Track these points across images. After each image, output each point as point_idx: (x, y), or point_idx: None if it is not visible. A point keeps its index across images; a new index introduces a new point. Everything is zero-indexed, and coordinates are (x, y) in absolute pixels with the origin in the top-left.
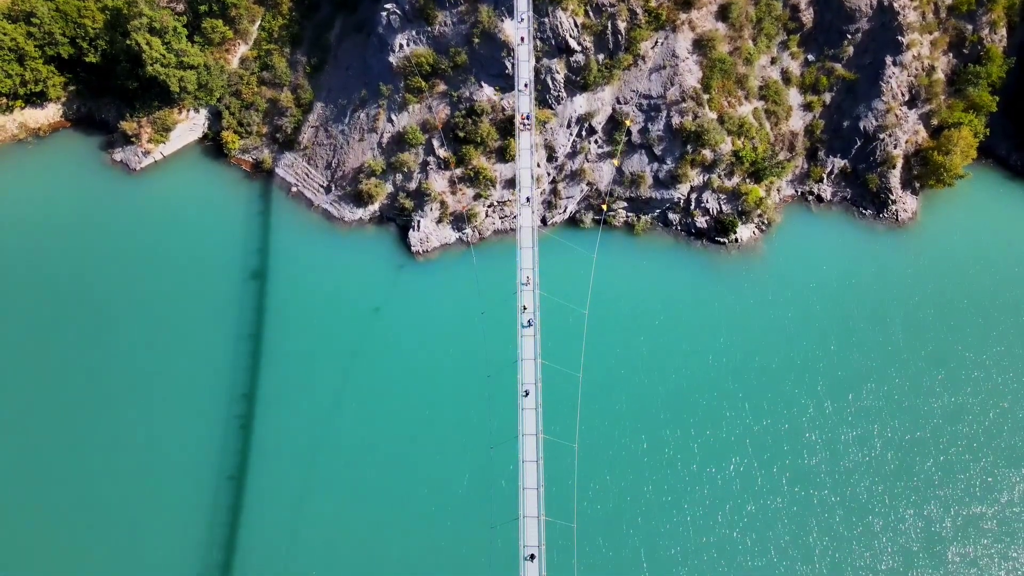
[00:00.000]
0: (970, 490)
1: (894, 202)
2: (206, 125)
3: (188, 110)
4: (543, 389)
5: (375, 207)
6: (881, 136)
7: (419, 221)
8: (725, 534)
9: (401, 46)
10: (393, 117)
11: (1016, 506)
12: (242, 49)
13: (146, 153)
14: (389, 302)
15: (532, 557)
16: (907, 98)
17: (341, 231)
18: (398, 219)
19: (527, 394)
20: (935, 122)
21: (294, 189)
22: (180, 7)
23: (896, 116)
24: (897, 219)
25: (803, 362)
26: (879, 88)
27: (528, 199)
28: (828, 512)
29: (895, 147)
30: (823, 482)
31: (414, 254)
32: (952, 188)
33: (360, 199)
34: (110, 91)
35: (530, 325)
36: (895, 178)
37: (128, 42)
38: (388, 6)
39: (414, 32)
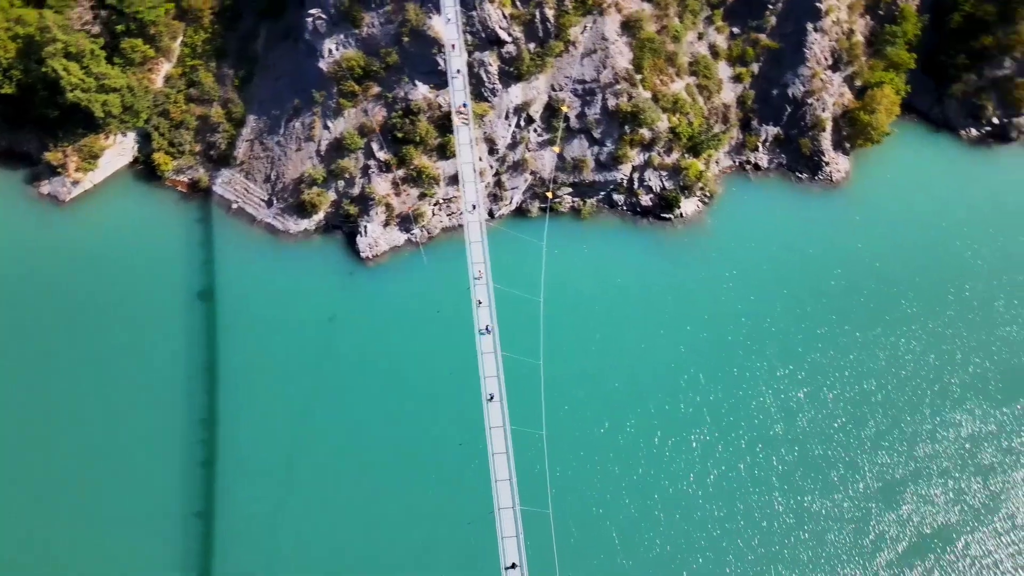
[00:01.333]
0: (919, 433)
1: (827, 164)
2: (136, 148)
3: (115, 134)
4: (506, 380)
5: (320, 216)
6: (809, 101)
7: (366, 226)
8: (693, 504)
9: (330, 51)
10: (329, 124)
11: (964, 442)
12: (166, 67)
13: (75, 183)
14: (344, 310)
15: (513, 566)
16: (830, 62)
17: (287, 244)
18: (344, 226)
19: (492, 398)
20: (859, 83)
21: (235, 206)
22: (96, 29)
23: (822, 80)
24: (831, 180)
25: (752, 328)
26: (803, 55)
27: (473, 193)
28: (788, 471)
29: (823, 110)
30: (781, 442)
31: (364, 260)
32: (880, 145)
33: (303, 210)
34: (29, 122)
35: (488, 332)
36: (826, 140)
37: (44, 69)
38: (313, 11)
39: (342, 36)
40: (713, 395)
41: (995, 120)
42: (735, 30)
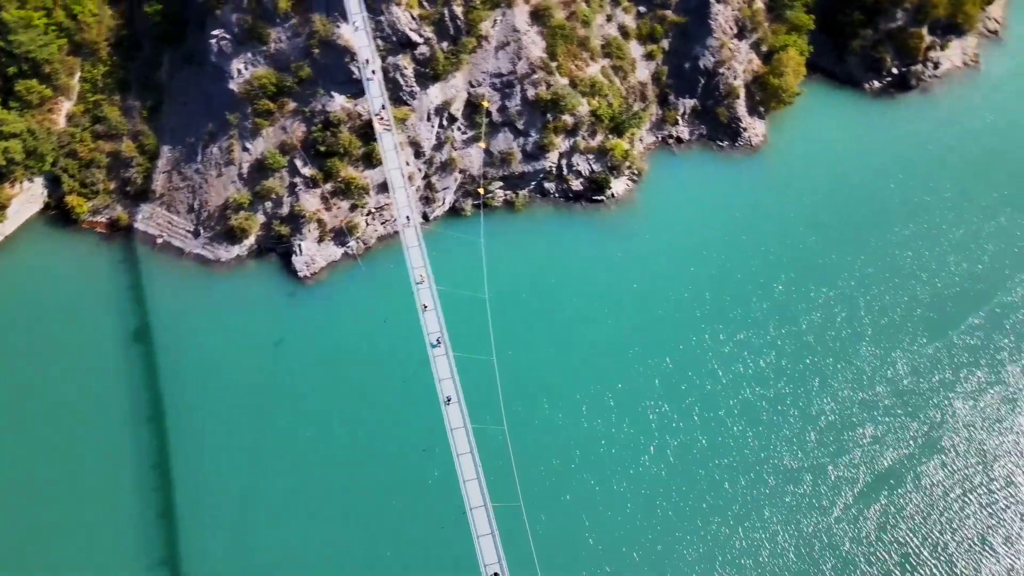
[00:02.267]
0: (860, 378)
1: (745, 130)
2: (45, 194)
3: (21, 182)
4: (462, 381)
5: (251, 241)
6: (720, 71)
7: (300, 245)
8: (656, 477)
9: (239, 71)
10: (248, 145)
11: (905, 379)
12: (67, 106)
13: None
14: (289, 332)
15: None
16: (736, 31)
17: (221, 273)
18: (278, 248)
19: (449, 400)
20: (765, 48)
21: (160, 240)
22: None
23: (730, 50)
24: (751, 144)
25: (692, 298)
26: (709, 27)
27: (404, 199)
28: (741, 432)
29: (735, 78)
30: (731, 405)
31: (303, 279)
32: (792, 106)
33: (233, 236)
34: None
35: (439, 344)
36: (741, 107)
37: None
38: (216, 32)
39: (250, 54)
40: (662, 368)
41: (894, 71)
42: (641, 9)
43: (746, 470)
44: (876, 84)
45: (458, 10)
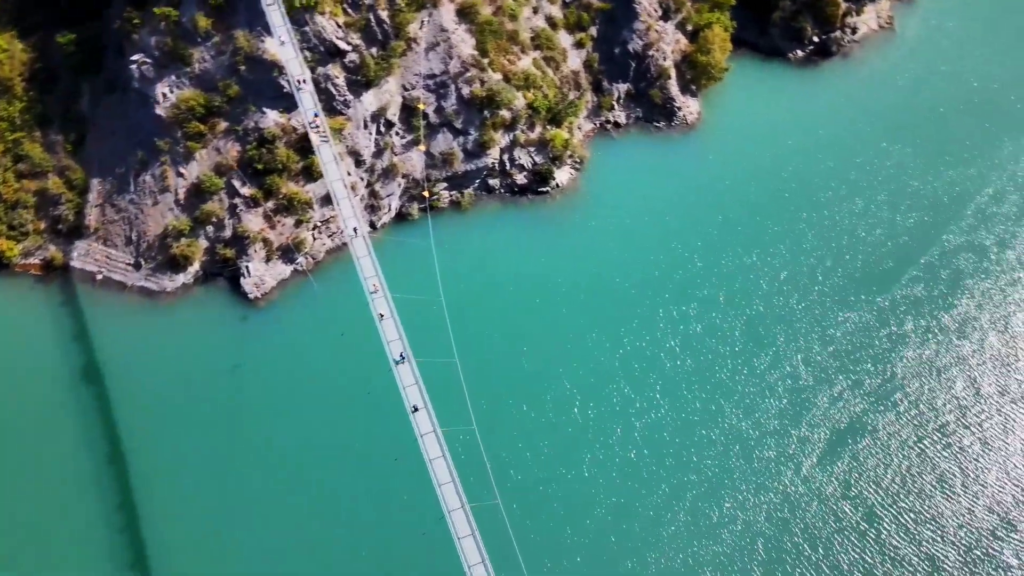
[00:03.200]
0: (811, 339)
1: (679, 109)
2: None
3: None
4: (427, 386)
5: (195, 267)
6: (650, 53)
7: (247, 267)
8: (624, 458)
9: (164, 95)
10: (181, 170)
11: (854, 337)
12: None
13: None
14: (245, 357)
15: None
16: (660, 13)
17: (168, 304)
18: (225, 271)
19: (416, 409)
20: (690, 28)
21: (99, 276)
22: None
23: (656, 32)
24: (687, 122)
25: (642, 278)
26: (634, 11)
27: (349, 209)
28: (705, 402)
29: (664, 60)
30: (691, 381)
31: (254, 301)
32: (722, 82)
33: (176, 264)
34: None
35: (403, 360)
36: (673, 87)
37: None
38: (136, 57)
39: (173, 77)
40: (621, 351)
41: (815, 39)
42: None
43: (712, 443)
44: (799, 53)
45: (384, 14)
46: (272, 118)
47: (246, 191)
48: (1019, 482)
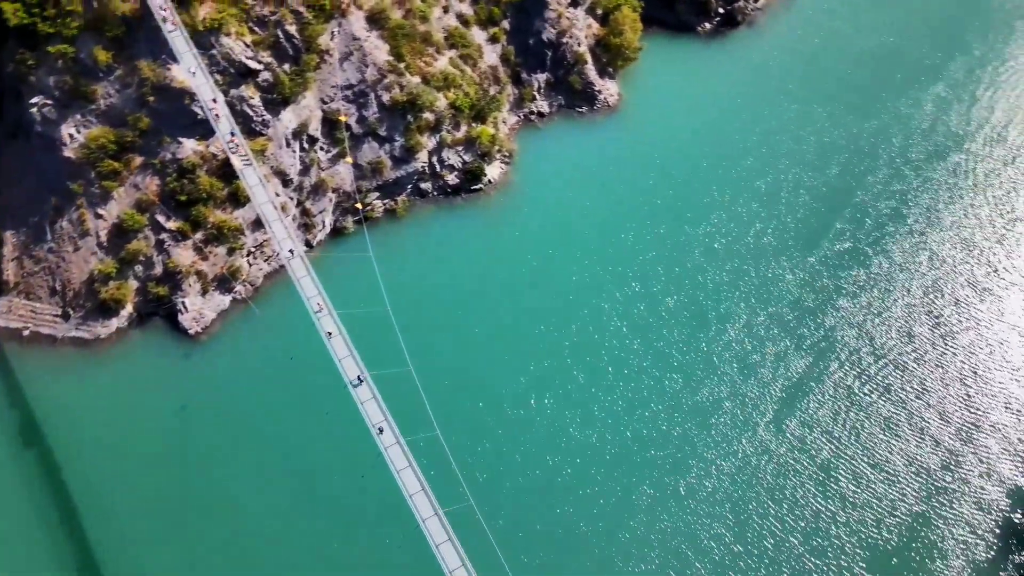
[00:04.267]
0: (753, 301)
1: (599, 92)
2: None
3: None
4: (385, 398)
5: (128, 310)
6: (564, 40)
7: (183, 302)
8: (586, 446)
9: (71, 136)
10: (100, 211)
11: (792, 294)
12: None
13: None
14: (192, 395)
15: None
16: (569, 0)
17: (103, 351)
18: (160, 310)
19: (381, 431)
20: (600, 11)
21: (26, 333)
22: None
23: (568, 19)
24: (608, 105)
25: (581, 265)
26: (543, 0)
27: (283, 231)
28: (657, 380)
29: (579, 45)
30: (641, 358)
31: (195, 336)
32: (637, 61)
33: (107, 310)
34: None
35: (361, 382)
36: (591, 72)
37: None
38: (36, 100)
39: (79, 116)
40: (570, 340)
41: (720, 10)
42: None
43: (669, 416)
44: (707, 26)
45: (292, 29)
46: (189, 147)
47: (172, 225)
48: (958, 417)
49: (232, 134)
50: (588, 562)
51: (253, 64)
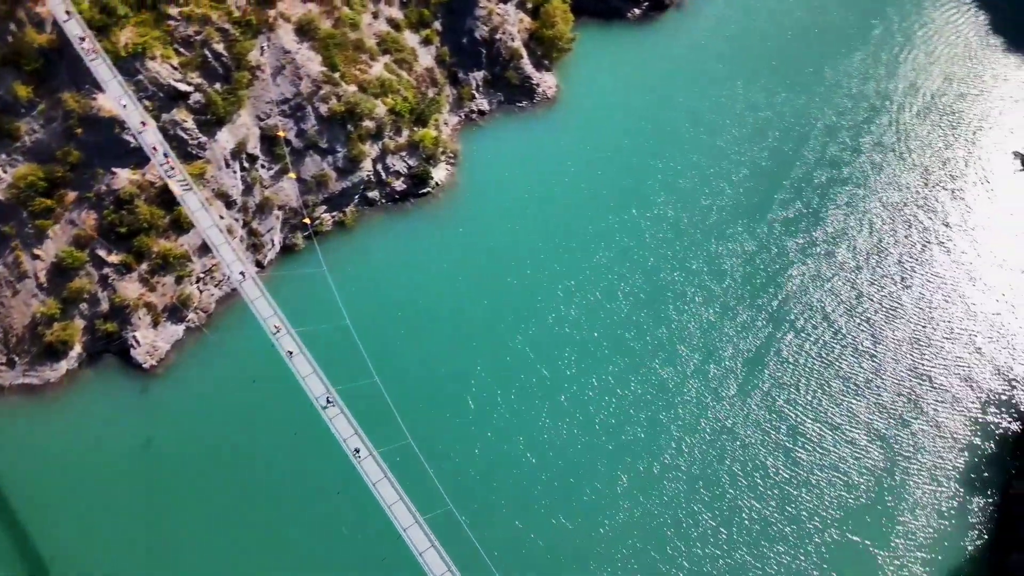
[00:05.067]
0: (705, 278)
1: (537, 85)
2: None
3: None
4: (353, 411)
5: (77, 350)
6: (497, 36)
7: (134, 336)
8: (556, 438)
9: None
10: (36, 252)
11: (743, 268)
12: None
13: None
14: (155, 429)
15: None
16: None
17: (56, 396)
18: (111, 347)
19: (358, 452)
20: (530, 5)
21: None
22: None
23: (499, 15)
24: (548, 97)
25: (532, 258)
26: None
27: (231, 254)
28: (617, 368)
29: (512, 40)
30: (602, 347)
31: (150, 370)
32: (572, 51)
33: (55, 353)
34: None
35: (331, 404)
36: (527, 66)
37: None
38: None
39: (3, 155)
40: (530, 334)
41: None
42: None
43: (637, 400)
44: (637, 11)
45: (219, 47)
46: (124, 177)
47: (114, 258)
48: (912, 371)
49: (165, 155)
50: (572, 553)
51: (183, 86)
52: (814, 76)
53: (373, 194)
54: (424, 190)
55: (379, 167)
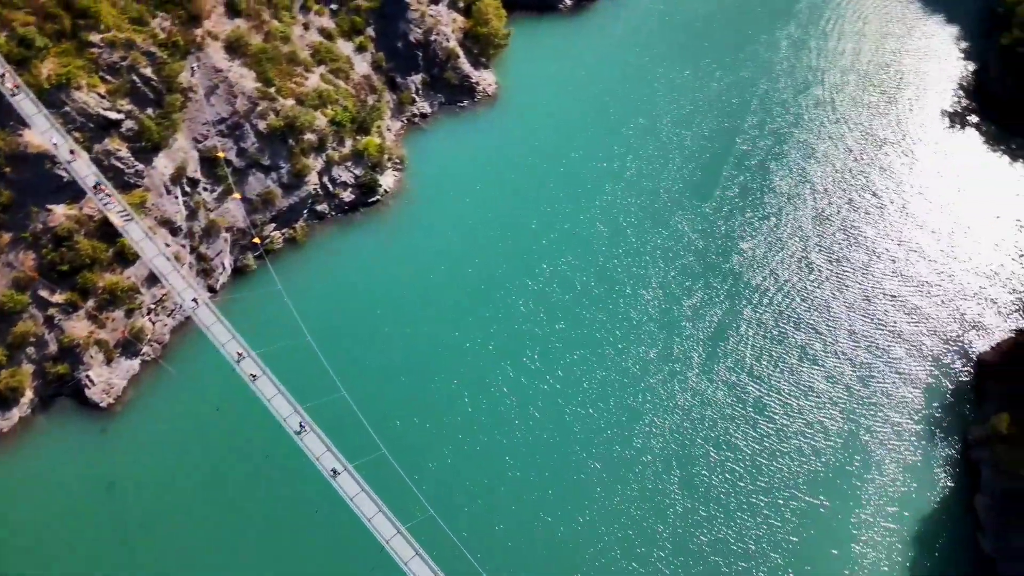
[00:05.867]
0: (657, 264)
1: (477, 84)
2: None
3: None
4: (322, 427)
5: (28, 396)
6: (432, 38)
7: (87, 376)
8: (527, 434)
9: None
10: None
11: (696, 245)
12: None
13: None
14: (118, 469)
15: None
16: None
17: (8, 445)
18: (65, 389)
19: (335, 473)
20: (462, 4)
21: None
22: None
23: (431, 16)
24: (488, 95)
25: (487, 259)
26: (403, 2)
27: (181, 283)
28: (581, 357)
29: (448, 41)
30: (562, 338)
31: (107, 409)
32: (508, 47)
33: (4, 401)
34: None
35: (304, 429)
36: (465, 65)
37: None
38: None
39: None
40: (491, 333)
41: None
42: (333, 7)
43: (602, 387)
44: (568, 2)
45: (147, 71)
46: (61, 213)
47: (58, 298)
48: (865, 332)
49: (100, 186)
50: (554, 547)
51: (112, 115)
52: (747, 52)
53: (322, 207)
54: (373, 198)
55: (325, 179)
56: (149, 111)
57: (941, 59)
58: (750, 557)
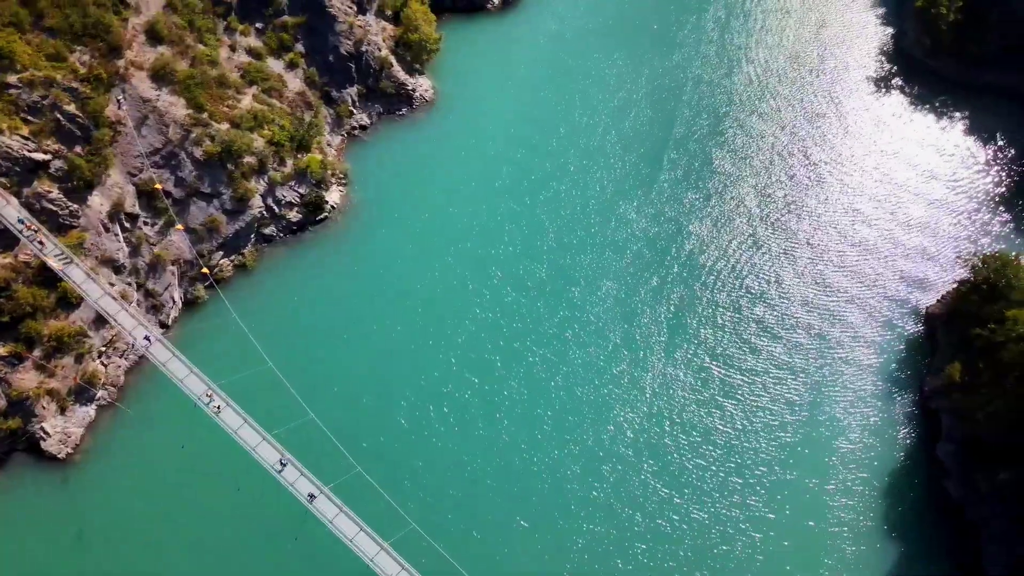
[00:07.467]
0: (608, 255)
1: (414, 91)
2: None
3: None
4: (295, 452)
5: None
6: (363, 49)
7: (41, 428)
8: (497, 436)
9: None
10: None
11: (648, 230)
12: None
13: None
14: (85, 519)
15: None
16: (356, 8)
17: None
18: (19, 444)
19: (312, 497)
20: (389, 12)
21: None
22: None
23: (360, 27)
24: (426, 100)
25: (439, 266)
26: (329, 15)
27: (130, 322)
28: (543, 356)
29: (379, 50)
30: (524, 341)
31: (66, 459)
32: (440, 51)
33: None
34: None
35: (287, 464)
36: (400, 73)
37: None
38: None
39: None
40: (452, 342)
41: None
42: (258, 26)
43: (568, 384)
44: (496, 1)
45: (71, 108)
46: None
47: (1, 351)
48: (818, 301)
49: (20, 222)
50: (539, 545)
51: (39, 156)
52: (676, 37)
53: (269, 230)
54: (321, 216)
55: (270, 201)
56: (78, 148)
57: (861, 27)
58: (729, 539)
